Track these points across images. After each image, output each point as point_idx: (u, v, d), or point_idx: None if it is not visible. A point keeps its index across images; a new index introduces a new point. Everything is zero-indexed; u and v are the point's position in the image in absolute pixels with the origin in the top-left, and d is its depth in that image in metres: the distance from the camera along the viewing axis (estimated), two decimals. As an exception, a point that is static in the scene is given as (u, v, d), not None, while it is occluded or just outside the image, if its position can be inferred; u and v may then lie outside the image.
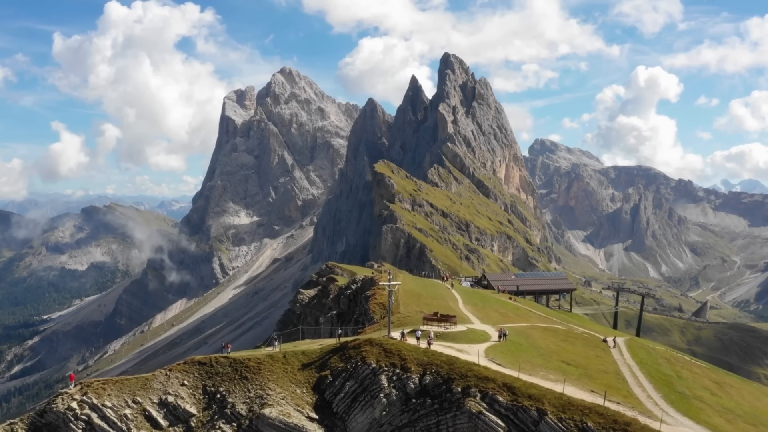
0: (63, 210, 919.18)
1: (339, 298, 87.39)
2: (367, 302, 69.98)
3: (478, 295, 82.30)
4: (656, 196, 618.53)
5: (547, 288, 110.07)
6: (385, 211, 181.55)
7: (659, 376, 47.70)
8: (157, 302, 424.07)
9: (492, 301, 77.40)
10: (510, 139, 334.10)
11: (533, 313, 76.97)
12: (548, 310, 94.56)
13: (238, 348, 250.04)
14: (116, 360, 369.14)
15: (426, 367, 41.76)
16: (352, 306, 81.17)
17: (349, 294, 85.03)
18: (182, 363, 45.71)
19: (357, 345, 45.45)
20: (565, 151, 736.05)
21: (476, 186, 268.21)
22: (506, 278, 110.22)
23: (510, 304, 78.44)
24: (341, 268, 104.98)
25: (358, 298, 79.12)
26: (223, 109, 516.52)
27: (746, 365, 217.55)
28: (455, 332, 51.79)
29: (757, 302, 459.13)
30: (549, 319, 75.35)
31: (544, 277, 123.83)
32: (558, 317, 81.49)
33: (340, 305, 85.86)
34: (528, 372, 41.72)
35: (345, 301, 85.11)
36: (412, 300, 67.32)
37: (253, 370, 44.08)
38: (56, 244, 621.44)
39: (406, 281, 77.38)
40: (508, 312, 70.91)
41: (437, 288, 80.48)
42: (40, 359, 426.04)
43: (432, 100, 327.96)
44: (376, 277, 79.22)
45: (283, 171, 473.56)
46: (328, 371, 43.53)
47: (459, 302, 71.78)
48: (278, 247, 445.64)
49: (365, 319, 66.68)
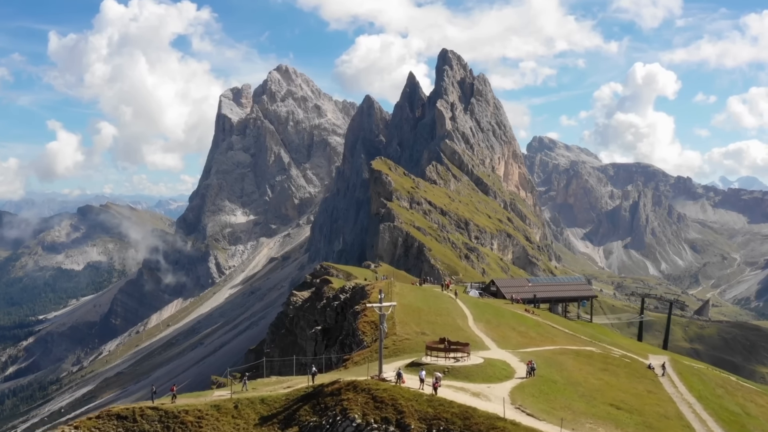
0: (60, 209, 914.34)
1: (325, 311, 78.50)
2: (356, 319, 59.44)
3: (489, 308, 70.04)
4: (655, 194, 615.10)
5: (566, 295, 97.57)
6: (383, 209, 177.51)
7: (727, 417, 41.18)
8: (153, 302, 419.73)
9: (507, 316, 66.26)
10: (509, 136, 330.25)
11: (556, 329, 66.40)
12: (568, 322, 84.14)
13: (235, 348, 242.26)
14: (111, 361, 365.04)
15: (431, 424, 31.11)
16: (340, 320, 71.90)
17: (336, 306, 76.10)
18: (94, 417, 35.34)
19: (336, 390, 34.79)
20: (564, 148, 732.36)
21: (475, 183, 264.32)
22: (519, 285, 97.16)
23: (528, 319, 67.49)
24: (336, 268, 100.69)
25: (347, 311, 69.66)
26: (219, 107, 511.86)
27: (750, 364, 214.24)
28: (469, 367, 40.80)
29: (757, 299, 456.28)
30: (576, 337, 64.78)
31: (560, 282, 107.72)
32: (583, 332, 71.35)
33: (326, 319, 77.06)
34: (571, 426, 31.80)
35: (332, 314, 76.52)
36: (411, 317, 56.71)
37: (191, 427, 33.40)
38: (52, 243, 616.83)
39: (403, 293, 67.58)
40: (528, 330, 60.03)
41: (441, 301, 68.71)
42: (35, 360, 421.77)
43: (430, 97, 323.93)
44: (368, 288, 69.73)
45: (280, 169, 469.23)
46: (295, 428, 33.28)
47: (468, 318, 61.02)
48: (275, 246, 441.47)
49: (353, 342, 56.36)
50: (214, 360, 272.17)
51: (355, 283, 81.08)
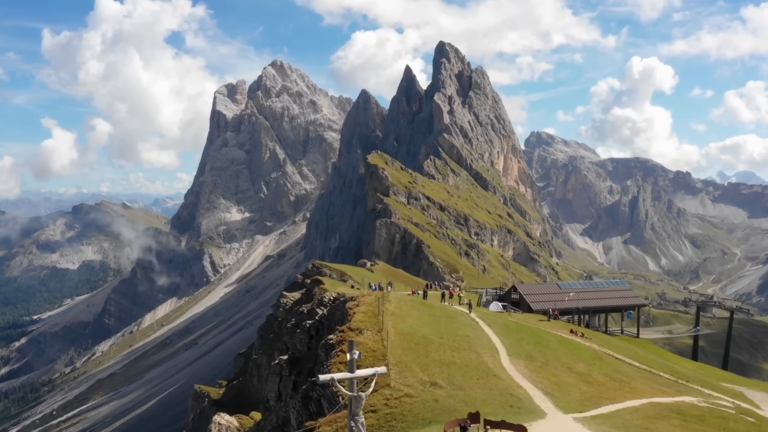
0: (56, 208, 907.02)
1: (295, 332, 60.60)
2: (330, 356, 37.62)
3: (525, 332, 49.18)
4: (654, 188, 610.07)
5: (607, 304, 78.23)
6: (379, 205, 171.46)
7: None
8: (147, 301, 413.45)
9: (553, 345, 46.25)
10: (508, 130, 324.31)
11: (622, 362, 48.59)
12: (625, 344, 64.72)
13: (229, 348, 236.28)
14: (104, 362, 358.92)
15: None
16: (315, 346, 52.28)
17: (309, 328, 58.10)
18: None
19: None
20: (562, 143, 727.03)
21: (474, 178, 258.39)
22: (547, 292, 77.33)
23: (583, 349, 48.28)
24: (329, 267, 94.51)
25: (323, 333, 52.02)
26: (213, 104, 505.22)
27: (756, 362, 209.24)
28: None
29: (759, 295, 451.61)
30: (652, 373, 47.13)
31: (599, 288, 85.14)
32: (650, 360, 54.92)
33: (296, 343, 59.65)
34: None
35: (304, 337, 58.60)
36: (414, 353, 36.59)
37: None
38: (46, 242, 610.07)
39: (401, 312, 47.20)
40: (590, 370, 40.62)
41: (456, 323, 47.11)
42: (27, 361, 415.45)
43: (427, 91, 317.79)
44: (351, 305, 47.98)
45: (275, 166, 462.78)
46: None
47: (500, 352, 40.75)
48: (270, 244, 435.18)
49: (321, 396, 35.72)
50: (209, 360, 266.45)
51: (337, 293, 62.18)
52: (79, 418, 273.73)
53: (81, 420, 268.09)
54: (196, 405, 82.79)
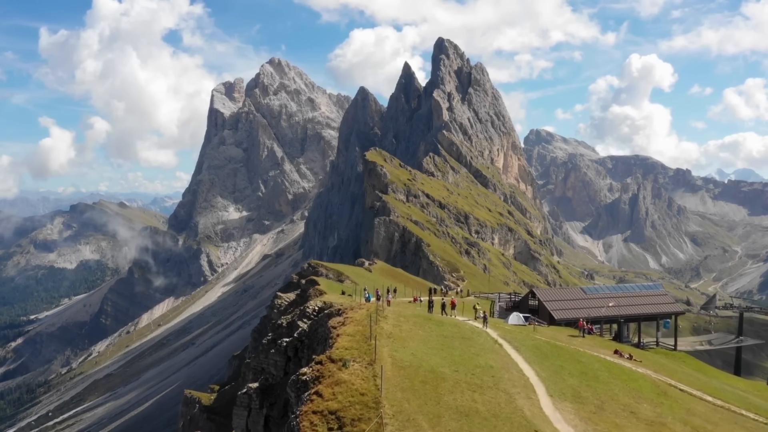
0: (54, 208, 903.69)
1: (268, 354, 51.77)
2: (301, 400, 24.61)
3: (563, 358, 38.17)
4: (654, 186, 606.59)
5: (641, 312, 64.88)
6: (378, 203, 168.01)
7: None
8: (144, 301, 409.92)
9: (603, 377, 35.38)
10: (508, 127, 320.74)
11: (691, 396, 38.17)
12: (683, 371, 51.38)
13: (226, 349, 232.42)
14: (101, 362, 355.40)
15: None
16: (293, 370, 44.20)
17: (286, 348, 49.02)
18: None
19: None
20: (561, 141, 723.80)
21: (474, 176, 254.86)
22: (572, 297, 64.77)
23: (641, 379, 37.90)
24: (326, 267, 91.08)
25: (303, 355, 44.70)
26: (211, 102, 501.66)
27: (760, 361, 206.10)
28: None
29: (760, 293, 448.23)
30: (733, 413, 37.03)
31: (632, 293, 69.18)
32: (713, 388, 44.32)
33: (270, 366, 50.40)
34: None
35: (280, 359, 49.56)
36: (417, 396, 26.08)
37: None
38: (44, 241, 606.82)
39: (401, 333, 36.05)
40: (660, 412, 30.68)
41: (473, 347, 36.27)
42: (24, 362, 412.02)
43: (426, 87, 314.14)
44: (335, 324, 37.35)
45: (273, 164, 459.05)
46: None
47: (537, 391, 30.22)
48: (268, 243, 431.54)
49: None
50: (206, 361, 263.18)
51: (323, 302, 52.99)
52: (75, 419, 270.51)
53: (77, 421, 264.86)
54: (186, 411, 79.39)
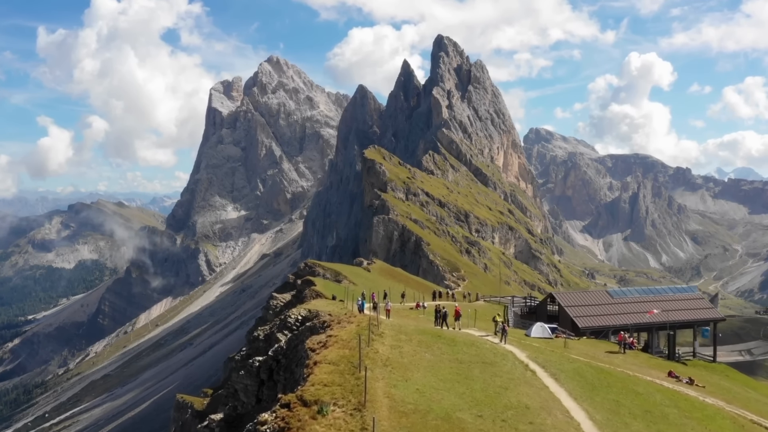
0: (52, 207, 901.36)
1: (239, 373, 43.04)
2: None
3: (616, 389, 28.35)
4: (654, 185, 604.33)
5: (680, 318, 56.62)
6: (377, 201, 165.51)
7: None
8: (141, 301, 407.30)
9: (670, 413, 26.62)
10: (508, 125, 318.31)
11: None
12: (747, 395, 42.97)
13: (224, 349, 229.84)
14: (98, 363, 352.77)
15: None
16: (267, 397, 38.04)
17: (259, 369, 40.02)
18: None
19: None
20: (561, 140, 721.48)
21: (474, 174, 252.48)
22: (596, 302, 55.80)
23: (713, 414, 29.79)
24: (323, 266, 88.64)
25: (279, 378, 37.30)
26: (209, 101, 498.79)
27: (765, 362, 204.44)
28: None
29: (761, 291, 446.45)
30: None
31: (665, 296, 59.86)
32: None
33: (240, 392, 42.21)
34: None
35: (251, 383, 40.64)
36: None
37: None
38: (42, 241, 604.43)
39: (402, 359, 25.88)
40: None
41: (498, 376, 25.90)
42: (21, 362, 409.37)
43: (425, 85, 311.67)
44: (314, 345, 28.81)
45: (271, 163, 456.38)
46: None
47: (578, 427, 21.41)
48: (267, 242, 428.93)
49: None
50: (204, 361, 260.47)
51: (308, 311, 44.65)
52: (71, 420, 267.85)
53: (73, 423, 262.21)
54: (178, 416, 76.93)
